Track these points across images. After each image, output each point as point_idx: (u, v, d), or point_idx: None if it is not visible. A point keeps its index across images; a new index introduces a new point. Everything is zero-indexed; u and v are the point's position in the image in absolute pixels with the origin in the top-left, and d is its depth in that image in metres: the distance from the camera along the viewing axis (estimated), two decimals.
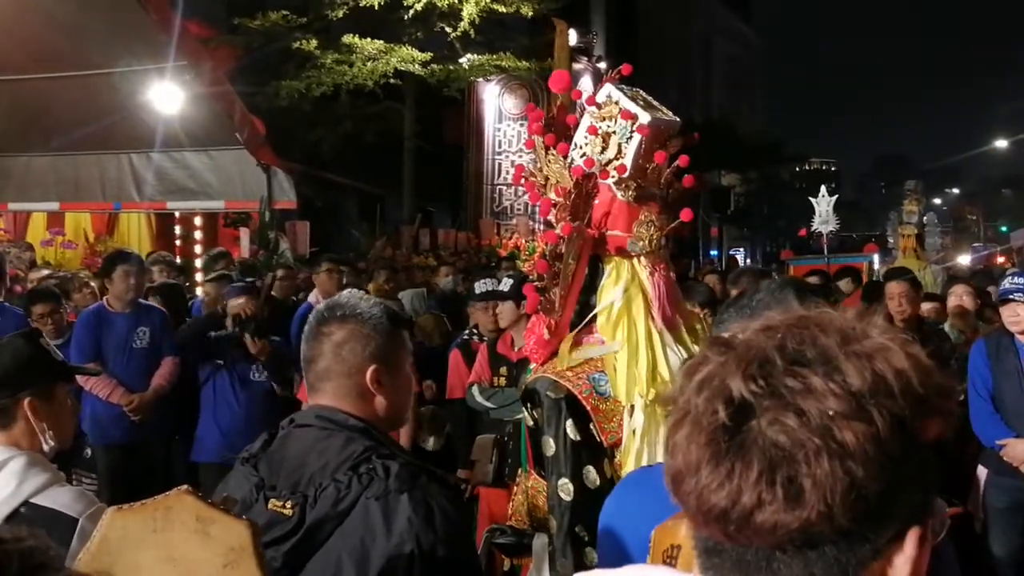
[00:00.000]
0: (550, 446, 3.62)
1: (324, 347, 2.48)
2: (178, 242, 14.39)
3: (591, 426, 3.63)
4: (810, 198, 16.66)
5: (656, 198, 3.83)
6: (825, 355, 1.03)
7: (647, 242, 3.78)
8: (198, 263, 12.89)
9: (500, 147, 20.72)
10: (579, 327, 3.86)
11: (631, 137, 3.78)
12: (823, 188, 16.19)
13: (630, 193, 3.77)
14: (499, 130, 20.67)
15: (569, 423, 3.59)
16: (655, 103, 3.93)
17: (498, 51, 19.64)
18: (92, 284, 9.17)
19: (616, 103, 3.84)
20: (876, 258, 21.97)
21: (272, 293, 9.44)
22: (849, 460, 0.99)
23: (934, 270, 17.05)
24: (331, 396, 2.48)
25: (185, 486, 2.06)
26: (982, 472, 6.10)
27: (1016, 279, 6.13)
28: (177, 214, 14.05)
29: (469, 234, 20.34)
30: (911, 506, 1.05)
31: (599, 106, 3.87)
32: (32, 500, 2.78)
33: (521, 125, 20.35)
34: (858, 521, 1.01)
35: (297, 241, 13.84)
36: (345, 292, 2.72)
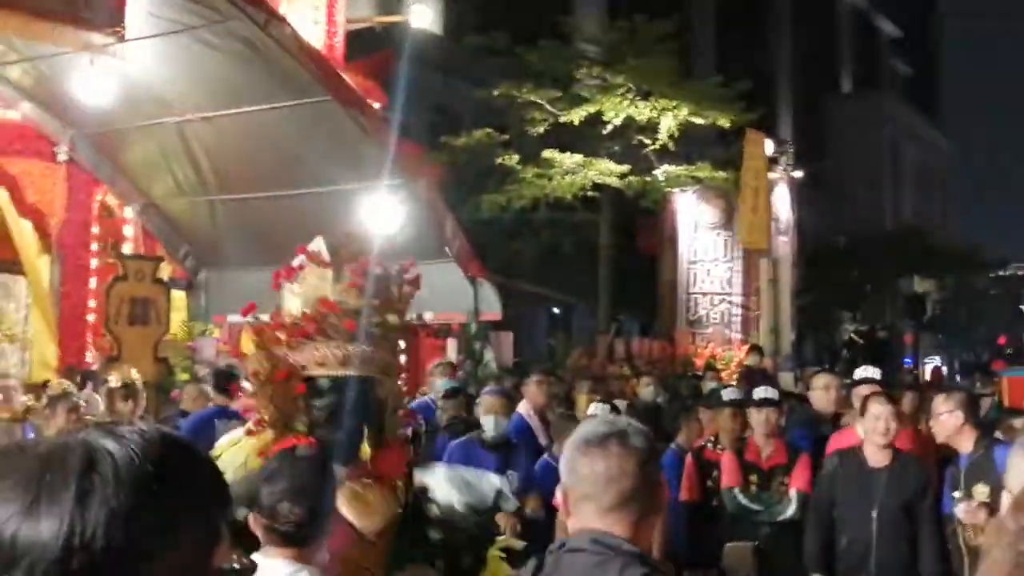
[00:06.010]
0: None
1: (630, 465, 2.28)
2: None
3: None
4: (1021, 306, 15.89)
5: None
6: None
7: None
8: None
9: (695, 256, 20.54)
10: None
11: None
12: None
13: None
14: (695, 239, 20.54)
15: None
16: None
17: (693, 161, 19.67)
18: None
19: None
20: None
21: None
22: None
23: None
24: (621, 520, 2.28)
25: None
26: None
27: None
28: None
29: (664, 343, 20.15)
30: None
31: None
32: None
33: (718, 235, 20.18)
34: None
35: (502, 352, 13.99)
36: (610, 414, 2.68)
